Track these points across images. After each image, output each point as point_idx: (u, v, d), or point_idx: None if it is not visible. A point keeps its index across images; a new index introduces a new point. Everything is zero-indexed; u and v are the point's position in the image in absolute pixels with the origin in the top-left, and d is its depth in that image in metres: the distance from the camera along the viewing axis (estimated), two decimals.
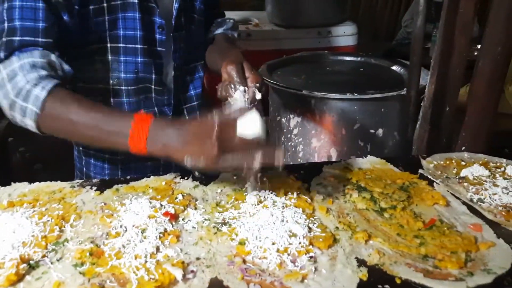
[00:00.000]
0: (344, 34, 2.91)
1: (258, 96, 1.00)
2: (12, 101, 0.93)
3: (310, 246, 0.82)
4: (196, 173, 0.99)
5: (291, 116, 1.97)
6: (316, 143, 1.88)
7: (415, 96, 1.55)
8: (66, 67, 1.01)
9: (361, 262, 0.79)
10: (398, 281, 0.74)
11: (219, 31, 1.37)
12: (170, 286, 0.73)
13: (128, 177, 1.10)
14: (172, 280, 0.73)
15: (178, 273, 0.74)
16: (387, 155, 1.72)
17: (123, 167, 1.25)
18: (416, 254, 0.82)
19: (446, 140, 1.66)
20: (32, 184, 1.05)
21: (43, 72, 0.95)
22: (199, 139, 0.84)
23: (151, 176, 1.08)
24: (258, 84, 1.01)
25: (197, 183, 1.06)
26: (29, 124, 0.95)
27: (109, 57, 1.12)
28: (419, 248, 0.83)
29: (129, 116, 0.89)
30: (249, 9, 3.56)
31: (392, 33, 4.93)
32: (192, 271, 0.76)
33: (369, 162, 1.18)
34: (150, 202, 0.93)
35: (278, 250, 0.80)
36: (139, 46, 1.12)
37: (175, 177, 1.08)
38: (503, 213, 0.94)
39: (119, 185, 1.04)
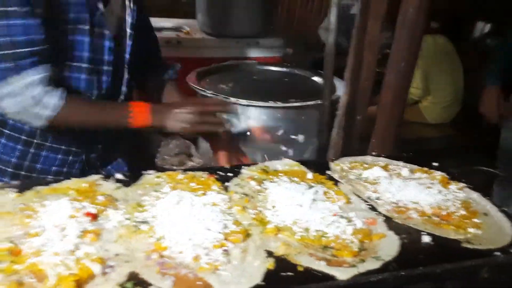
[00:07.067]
0: (271, 46, 3.04)
1: None
2: (25, 109, 1.11)
3: (224, 241, 0.89)
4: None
5: None
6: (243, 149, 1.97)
7: (328, 106, 1.69)
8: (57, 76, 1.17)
9: (269, 254, 0.87)
10: (301, 269, 0.84)
11: (167, 76, 1.53)
12: (89, 281, 0.76)
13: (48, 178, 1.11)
14: (90, 275, 0.77)
15: (96, 268, 0.78)
16: (307, 159, 1.84)
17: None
18: (318, 245, 0.92)
19: (359, 146, 1.82)
20: None
21: (51, 84, 1.13)
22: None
23: (72, 178, 1.10)
24: None
25: (119, 184, 1.10)
26: (40, 124, 1.15)
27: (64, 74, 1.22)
28: (320, 239, 0.93)
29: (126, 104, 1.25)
30: (182, 16, 3.59)
31: (323, 45, 5.16)
32: (110, 266, 0.80)
33: (284, 164, 1.28)
34: (71, 203, 0.96)
35: (194, 245, 0.86)
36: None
37: (97, 179, 1.11)
38: (395, 208, 1.07)
39: (39, 187, 1.06)
